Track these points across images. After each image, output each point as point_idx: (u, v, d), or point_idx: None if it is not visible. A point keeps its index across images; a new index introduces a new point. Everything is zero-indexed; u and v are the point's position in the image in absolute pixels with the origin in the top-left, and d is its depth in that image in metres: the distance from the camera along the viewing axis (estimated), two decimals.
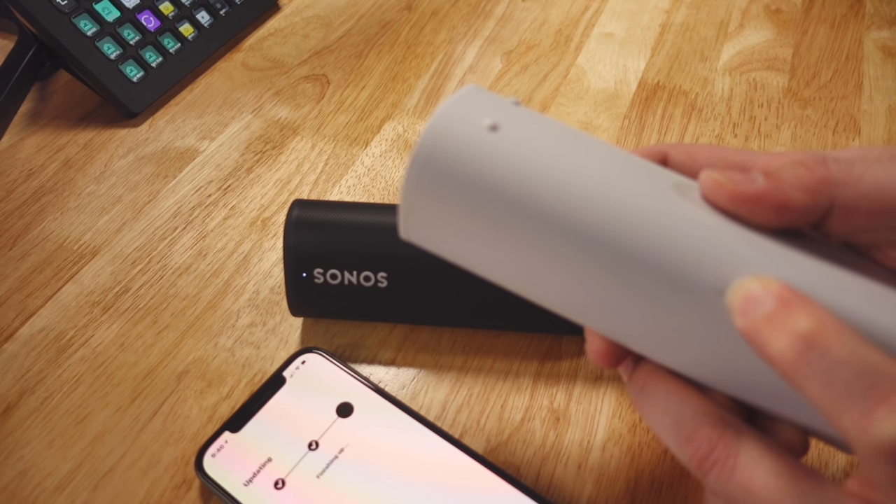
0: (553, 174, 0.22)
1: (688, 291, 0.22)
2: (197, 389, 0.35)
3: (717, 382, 0.23)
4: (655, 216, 0.22)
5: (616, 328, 0.24)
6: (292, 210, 0.34)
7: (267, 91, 0.53)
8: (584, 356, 0.36)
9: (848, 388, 0.18)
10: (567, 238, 0.22)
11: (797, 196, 0.22)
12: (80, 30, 0.48)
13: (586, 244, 0.22)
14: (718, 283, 0.21)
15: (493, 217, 0.23)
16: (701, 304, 0.22)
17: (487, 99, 0.24)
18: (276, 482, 0.30)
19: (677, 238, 0.22)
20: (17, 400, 0.34)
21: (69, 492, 0.31)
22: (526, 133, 0.23)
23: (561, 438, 0.33)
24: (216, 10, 0.56)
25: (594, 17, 0.61)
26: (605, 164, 0.23)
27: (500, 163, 0.22)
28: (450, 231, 0.24)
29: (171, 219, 0.43)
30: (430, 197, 0.23)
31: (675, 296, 0.22)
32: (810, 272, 0.21)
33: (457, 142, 0.22)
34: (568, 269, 0.23)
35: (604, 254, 0.22)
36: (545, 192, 0.22)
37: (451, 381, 0.35)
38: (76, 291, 0.39)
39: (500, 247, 0.23)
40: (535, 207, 0.22)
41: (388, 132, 0.49)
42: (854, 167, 0.22)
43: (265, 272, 0.40)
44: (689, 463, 0.22)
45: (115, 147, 0.48)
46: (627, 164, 0.24)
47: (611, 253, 0.22)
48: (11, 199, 0.44)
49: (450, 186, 0.23)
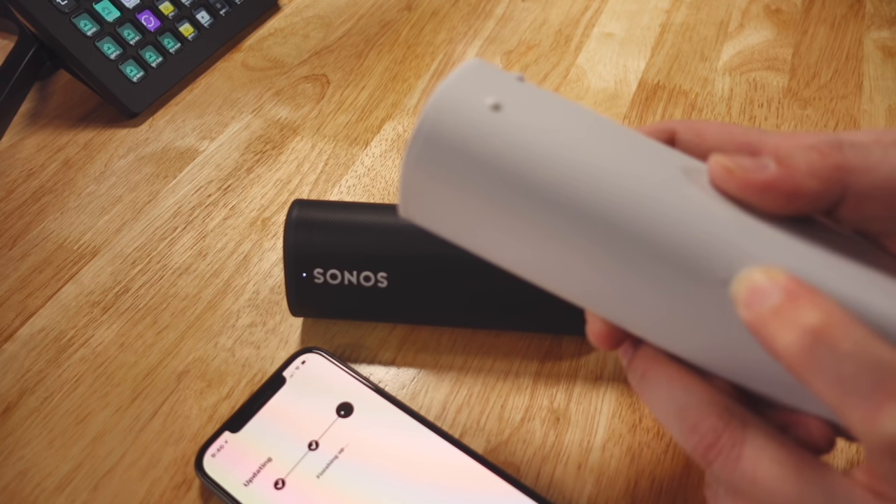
0: (556, 158, 0.22)
1: (692, 280, 0.21)
2: (197, 389, 0.35)
3: (721, 370, 0.23)
4: (660, 203, 0.21)
5: (615, 311, 0.23)
6: (292, 210, 0.34)
7: (267, 91, 0.53)
8: (584, 356, 0.36)
9: (855, 384, 0.18)
10: (569, 222, 0.22)
11: (809, 183, 0.21)
12: (80, 30, 0.48)
13: (589, 229, 0.22)
14: (723, 273, 0.21)
15: (493, 199, 0.22)
16: (706, 293, 0.21)
17: (491, 74, 0.23)
18: (276, 482, 0.30)
19: (682, 226, 0.21)
20: (17, 400, 0.34)
21: (69, 492, 0.31)
22: (529, 114, 0.22)
23: (561, 438, 0.33)
24: (216, 10, 0.56)
25: (594, 17, 0.61)
26: (611, 147, 0.23)
27: (501, 144, 0.22)
28: (449, 210, 0.23)
29: (171, 219, 0.43)
30: (430, 175, 0.23)
31: (678, 283, 0.21)
32: (819, 262, 0.21)
33: (459, 121, 0.22)
34: (569, 251, 0.22)
35: (609, 239, 0.22)
36: (547, 176, 0.22)
37: (451, 381, 0.35)
38: (76, 291, 0.39)
39: (500, 228, 0.23)
40: (536, 191, 0.22)
41: (388, 132, 0.49)
42: (870, 153, 0.21)
43: (265, 272, 0.40)
44: (693, 452, 0.22)
45: (115, 147, 0.48)
46: (634, 145, 0.23)
47: (615, 238, 0.22)
48: (11, 199, 0.44)
49: (450, 166, 0.22)
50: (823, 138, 0.22)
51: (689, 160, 0.24)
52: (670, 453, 0.33)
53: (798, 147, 0.22)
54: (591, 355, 0.36)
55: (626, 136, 0.23)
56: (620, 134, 0.23)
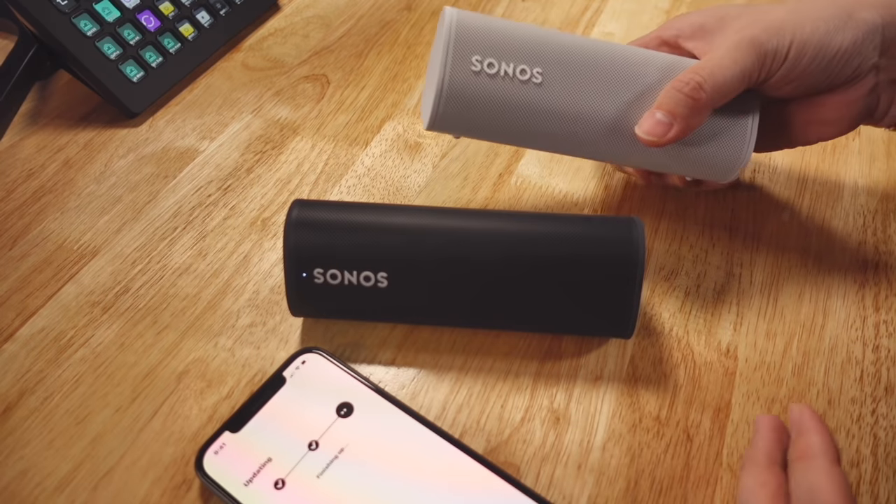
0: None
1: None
2: (197, 389, 0.35)
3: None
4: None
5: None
6: (292, 210, 0.34)
7: (267, 91, 0.53)
8: (584, 356, 0.36)
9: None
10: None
11: (692, 123, 0.35)
12: (80, 30, 0.48)
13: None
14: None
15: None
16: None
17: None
18: (276, 482, 0.30)
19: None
20: (17, 400, 0.34)
21: (69, 492, 0.31)
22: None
23: (561, 438, 0.33)
24: (216, 10, 0.56)
25: (594, 17, 0.61)
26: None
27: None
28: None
29: (171, 219, 0.43)
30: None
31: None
32: None
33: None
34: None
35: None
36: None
37: (451, 381, 0.35)
38: (76, 291, 0.39)
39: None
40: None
41: (388, 132, 0.49)
42: (715, 71, 0.35)
43: (265, 272, 0.40)
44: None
45: (115, 147, 0.48)
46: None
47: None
48: (11, 199, 0.44)
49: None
50: (689, 77, 0.35)
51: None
52: (670, 453, 0.33)
53: (670, 89, 0.35)
54: (591, 355, 0.36)
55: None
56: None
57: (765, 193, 0.45)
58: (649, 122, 0.35)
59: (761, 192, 0.45)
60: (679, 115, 0.35)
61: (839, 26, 0.35)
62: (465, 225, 0.34)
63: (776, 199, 0.45)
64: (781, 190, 0.45)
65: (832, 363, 0.36)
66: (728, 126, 0.37)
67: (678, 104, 0.35)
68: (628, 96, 0.36)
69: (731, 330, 0.38)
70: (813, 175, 0.46)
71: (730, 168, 0.38)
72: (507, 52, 0.35)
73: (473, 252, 0.34)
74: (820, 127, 0.38)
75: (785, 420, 0.33)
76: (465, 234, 0.34)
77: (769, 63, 0.35)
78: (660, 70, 0.37)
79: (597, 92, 0.36)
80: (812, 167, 0.47)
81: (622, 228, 0.34)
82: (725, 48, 0.35)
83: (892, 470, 0.32)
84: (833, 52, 0.35)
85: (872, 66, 0.36)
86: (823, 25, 0.35)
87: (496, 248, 0.34)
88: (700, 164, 0.38)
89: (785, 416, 0.34)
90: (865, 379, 0.36)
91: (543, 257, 0.34)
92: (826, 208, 0.44)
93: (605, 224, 0.35)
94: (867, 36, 0.35)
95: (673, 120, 0.35)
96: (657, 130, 0.35)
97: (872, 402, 0.35)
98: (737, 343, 0.37)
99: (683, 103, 0.34)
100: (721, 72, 0.34)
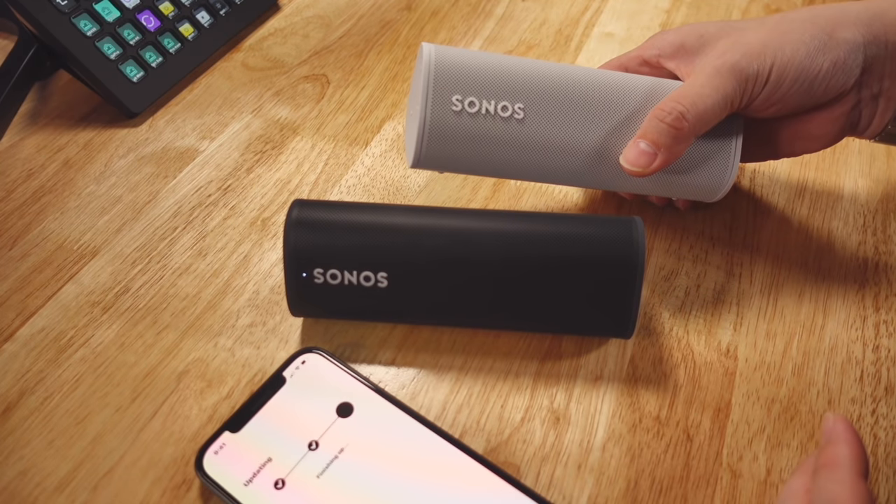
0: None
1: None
2: (197, 389, 0.35)
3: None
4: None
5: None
6: (292, 210, 0.34)
7: (267, 91, 0.53)
8: (584, 356, 0.36)
9: None
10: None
11: (676, 151, 0.35)
12: (80, 30, 0.48)
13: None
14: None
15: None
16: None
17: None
18: (276, 482, 0.30)
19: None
20: (17, 400, 0.34)
21: (69, 492, 0.31)
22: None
23: (561, 438, 0.33)
24: (216, 10, 0.56)
25: (594, 17, 0.61)
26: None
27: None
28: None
29: (171, 219, 0.43)
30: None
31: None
32: None
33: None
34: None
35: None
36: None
37: (451, 381, 0.35)
38: (76, 291, 0.39)
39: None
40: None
41: (388, 132, 0.49)
42: (697, 102, 0.35)
43: (265, 272, 0.40)
44: None
45: (115, 147, 0.48)
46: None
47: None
48: (11, 199, 0.44)
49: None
50: (671, 106, 0.35)
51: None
52: (670, 453, 0.33)
53: (653, 118, 0.35)
54: (591, 355, 0.36)
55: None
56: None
57: (765, 193, 0.45)
58: (633, 153, 0.35)
59: (761, 193, 0.45)
60: (663, 145, 0.35)
61: (820, 48, 0.35)
62: (465, 225, 0.34)
63: (776, 199, 0.45)
64: (781, 190, 0.45)
65: (832, 363, 0.36)
66: (712, 150, 0.37)
67: (661, 134, 0.35)
68: (611, 125, 0.36)
69: (731, 330, 0.38)
70: (813, 175, 0.46)
71: (715, 189, 0.39)
72: (487, 90, 0.35)
73: (473, 252, 0.34)
74: (805, 142, 0.39)
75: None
76: (465, 235, 0.34)
77: (750, 88, 0.35)
78: (642, 95, 0.37)
79: (579, 123, 0.36)
80: (812, 167, 0.47)
81: (622, 228, 0.34)
82: (706, 75, 0.35)
83: (892, 470, 0.32)
84: (814, 74, 0.35)
85: (855, 83, 0.36)
86: (804, 48, 0.35)
87: (496, 248, 0.34)
88: (685, 187, 0.39)
89: (786, 416, 0.34)
90: (865, 379, 0.36)
91: (543, 257, 0.34)
92: (826, 208, 0.44)
93: (605, 224, 0.35)
94: (848, 56, 0.35)
95: (657, 150, 0.35)
96: (641, 161, 0.35)
97: (872, 402, 0.35)
98: (737, 343, 0.37)
99: (667, 133, 0.34)
100: (702, 101, 0.34)
